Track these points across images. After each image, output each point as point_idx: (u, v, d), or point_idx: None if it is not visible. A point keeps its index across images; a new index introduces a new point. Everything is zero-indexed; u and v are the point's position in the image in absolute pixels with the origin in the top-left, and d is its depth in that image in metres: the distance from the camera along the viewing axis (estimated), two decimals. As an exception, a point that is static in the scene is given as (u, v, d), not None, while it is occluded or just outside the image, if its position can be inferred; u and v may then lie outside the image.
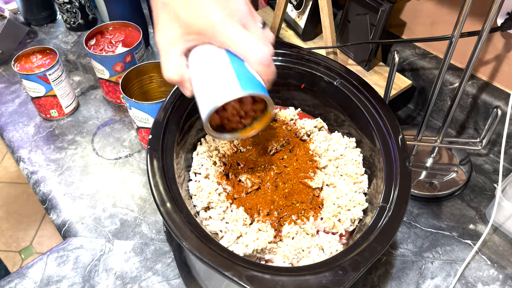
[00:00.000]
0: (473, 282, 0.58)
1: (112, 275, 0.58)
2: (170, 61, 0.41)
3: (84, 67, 0.91)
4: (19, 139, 0.77)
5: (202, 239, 0.40)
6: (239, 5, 0.40)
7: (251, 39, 0.39)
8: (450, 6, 0.68)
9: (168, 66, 0.41)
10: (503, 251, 0.61)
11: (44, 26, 1.02)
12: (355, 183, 0.52)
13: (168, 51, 0.41)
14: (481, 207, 0.66)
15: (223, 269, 0.38)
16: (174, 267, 0.59)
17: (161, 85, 0.75)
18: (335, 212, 0.49)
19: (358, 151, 0.55)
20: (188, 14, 0.39)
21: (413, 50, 0.77)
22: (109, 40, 0.80)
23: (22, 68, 0.75)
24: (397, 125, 0.49)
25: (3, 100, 0.84)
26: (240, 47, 0.39)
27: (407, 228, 0.63)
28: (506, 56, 0.66)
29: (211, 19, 0.39)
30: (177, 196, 0.44)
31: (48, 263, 0.60)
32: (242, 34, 0.39)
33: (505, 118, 0.59)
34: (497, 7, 0.49)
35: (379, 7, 0.68)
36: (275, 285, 0.37)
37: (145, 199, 0.67)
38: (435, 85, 0.59)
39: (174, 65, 0.41)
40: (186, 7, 0.39)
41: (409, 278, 0.58)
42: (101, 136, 0.77)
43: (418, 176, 0.68)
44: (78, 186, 0.69)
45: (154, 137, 0.47)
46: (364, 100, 0.52)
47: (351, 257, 0.39)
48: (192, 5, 0.39)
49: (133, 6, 0.87)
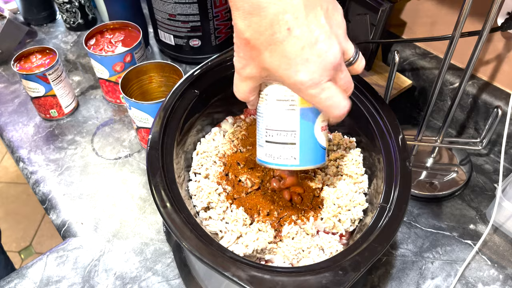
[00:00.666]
0: (473, 282, 0.58)
1: (111, 275, 0.58)
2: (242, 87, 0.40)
3: (84, 67, 0.91)
4: (18, 139, 0.77)
5: (202, 239, 0.40)
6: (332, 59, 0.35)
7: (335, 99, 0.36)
8: (450, 6, 0.68)
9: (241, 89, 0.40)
10: (504, 251, 0.61)
11: (43, 26, 1.02)
12: (355, 183, 0.52)
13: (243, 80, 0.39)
14: (482, 207, 0.66)
15: (223, 269, 0.38)
16: (174, 267, 0.59)
17: (161, 85, 0.75)
18: (335, 213, 0.48)
19: (358, 151, 0.55)
20: (273, 64, 0.35)
21: (413, 50, 0.77)
22: (109, 40, 0.79)
23: (21, 68, 0.75)
24: (397, 125, 0.49)
25: (3, 100, 0.84)
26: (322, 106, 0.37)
27: (407, 228, 0.63)
28: (506, 56, 0.66)
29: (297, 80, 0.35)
30: (177, 196, 0.43)
31: (47, 263, 0.60)
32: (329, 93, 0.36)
33: (505, 118, 0.59)
34: (497, 7, 0.49)
35: (379, 7, 0.68)
36: (275, 285, 0.37)
37: (145, 199, 0.67)
38: (435, 85, 0.59)
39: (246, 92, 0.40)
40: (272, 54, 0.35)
41: (409, 278, 0.58)
42: (101, 136, 0.77)
43: (418, 176, 0.68)
44: (78, 186, 0.69)
45: (154, 137, 0.47)
46: (364, 100, 0.52)
47: (351, 257, 0.39)
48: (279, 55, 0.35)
49: (133, 6, 0.87)
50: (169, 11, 0.79)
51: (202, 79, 0.52)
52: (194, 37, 0.83)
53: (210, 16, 0.79)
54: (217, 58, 0.54)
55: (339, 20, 0.36)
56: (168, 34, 0.84)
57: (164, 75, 0.73)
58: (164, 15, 0.80)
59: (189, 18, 0.79)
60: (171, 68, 0.71)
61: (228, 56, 0.54)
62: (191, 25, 0.80)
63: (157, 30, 0.86)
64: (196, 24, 0.80)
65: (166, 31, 0.83)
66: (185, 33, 0.82)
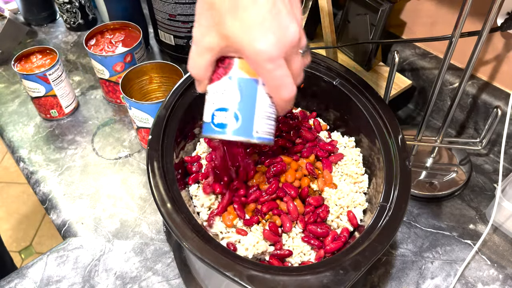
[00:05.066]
0: (473, 282, 0.58)
1: (112, 275, 0.58)
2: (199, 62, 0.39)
3: (84, 67, 0.91)
4: (19, 139, 0.77)
5: (202, 240, 0.40)
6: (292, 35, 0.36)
7: (286, 80, 0.37)
8: (450, 6, 0.68)
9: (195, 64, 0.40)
10: (503, 251, 0.61)
11: (44, 26, 1.02)
12: (355, 183, 0.52)
13: (201, 53, 0.39)
14: (481, 207, 0.66)
15: (224, 269, 0.38)
16: (174, 267, 0.59)
17: (161, 85, 0.75)
18: (337, 214, 0.49)
19: (358, 151, 0.55)
20: (234, 30, 0.35)
21: (413, 50, 0.77)
22: (109, 40, 0.79)
23: (22, 68, 0.75)
24: (397, 125, 0.49)
25: (3, 100, 0.84)
26: (272, 84, 0.37)
27: (407, 228, 0.63)
28: (506, 56, 0.66)
29: (256, 48, 0.35)
30: (177, 196, 0.44)
31: (48, 263, 0.60)
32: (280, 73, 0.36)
33: (505, 118, 0.59)
34: (497, 7, 0.49)
35: (379, 7, 0.68)
36: (276, 285, 0.37)
37: (145, 199, 0.67)
38: (435, 85, 0.59)
39: (201, 67, 0.39)
40: (234, 21, 0.35)
41: (409, 278, 0.58)
42: (101, 136, 0.77)
43: (418, 176, 0.68)
44: (78, 186, 0.69)
45: (154, 137, 0.47)
46: (364, 100, 0.52)
47: (352, 257, 0.39)
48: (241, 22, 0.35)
49: (133, 6, 0.87)
50: (169, 11, 0.79)
51: (202, 79, 0.52)
52: (194, 37, 0.83)
53: (210, 16, 0.79)
54: (217, 58, 0.54)
55: (298, 6, 0.37)
56: (168, 34, 0.84)
57: (164, 75, 0.73)
58: (164, 15, 0.80)
59: (189, 18, 0.79)
60: (171, 68, 0.71)
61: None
62: (191, 25, 0.80)
63: (157, 30, 0.86)
64: (196, 24, 0.80)
65: (166, 31, 0.83)
66: (185, 33, 0.82)
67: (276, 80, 0.37)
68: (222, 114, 0.40)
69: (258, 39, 0.35)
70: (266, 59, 0.35)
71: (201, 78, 0.40)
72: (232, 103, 0.39)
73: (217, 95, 0.40)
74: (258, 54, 0.35)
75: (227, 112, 0.39)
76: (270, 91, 0.39)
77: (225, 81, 0.39)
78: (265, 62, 0.35)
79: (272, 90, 0.38)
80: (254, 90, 0.39)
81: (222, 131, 0.40)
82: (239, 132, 0.39)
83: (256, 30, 0.35)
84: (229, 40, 0.36)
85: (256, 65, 0.36)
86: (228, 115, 0.39)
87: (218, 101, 0.40)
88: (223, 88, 0.40)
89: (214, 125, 0.40)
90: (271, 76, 0.37)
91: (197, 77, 0.40)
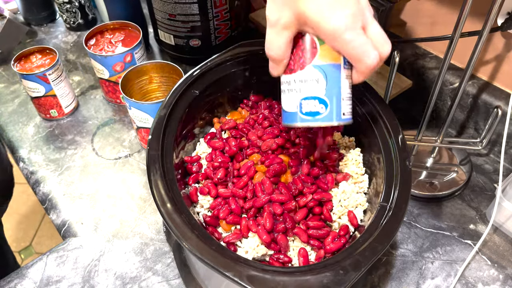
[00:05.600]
0: (473, 282, 0.58)
1: (112, 275, 0.58)
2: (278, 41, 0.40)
3: (84, 67, 0.91)
4: (18, 139, 0.77)
5: (202, 240, 0.40)
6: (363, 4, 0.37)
7: (367, 47, 0.38)
8: (450, 6, 0.68)
9: (275, 45, 0.40)
10: (504, 251, 0.61)
11: (44, 26, 1.02)
12: (356, 183, 0.52)
13: (280, 32, 0.39)
14: (481, 207, 0.66)
15: (224, 270, 0.38)
16: (174, 267, 0.59)
17: (161, 85, 0.75)
18: (340, 214, 0.49)
19: (358, 151, 0.55)
20: (309, 7, 0.36)
21: (413, 50, 0.77)
22: (109, 40, 0.79)
23: (22, 68, 0.75)
24: (397, 125, 0.49)
25: (3, 100, 0.84)
26: (355, 54, 0.38)
27: (407, 228, 0.63)
28: (506, 56, 0.66)
29: (332, 24, 0.36)
30: (177, 196, 0.43)
31: (47, 263, 0.60)
32: (361, 41, 0.37)
33: (505, 118, 0.59)
34: (497, 7, 0.49)
35: (379, 7, 0.68)
36: (276, 285, 0.37)
37: (145, 199, 0.67)
38: (435, 85, 0.59)
39: (280, 47, 0.40)
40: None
41: (409, 278, 0.58)
42: (101, 136, 0.77)
43: (418, 176, 0.68)
44: (78, 186, 0.69)
45: (154, 137, 0.47)
46: (364, 100, 0.52)
47: (352, 257, 0.39)
48: None
49: (133, 6, 0.87)
50: (169, 11, 0.79)
51: (202, 79, 0.52)
52: (194, 37, 0.83)
53: (210, 16, 0.79)
54: (217, 58, 0.54)
55: None
56: (168, 34, 0.84)
57: (164, 75, 0.73)
58: (164, 15, 0.80)
59: (189, 18, 0.79)
60: (171, 68, 0.71)
61: (228, 56, 0.54)
62: (191, 25, 0.80)
63: (157, 30, 0.86)
64: (196, 24, 0.80)
65: (166, 31, 0.83)
66: (185, 33, 0.82)
67: (357, 49, 0.37)
68: (310, 103, 0.41)
69: (333, 12, 0.36)
70: (345, 30, 0.36)
71: (281, 57, 0.41)
72: (320, 91, 0.41)
73: (302, 84, 0.41)
74: (339, 27, 0.36)
75: (315, 100, 0.41)
76: (354, 62, 0.39)
77: (310, 69, 0.40)
78: (344, 33, 0.36)
79: (355, 60, 0.38)
80: (338, 75, 0.41)
81: (313, 119, 0.41)
82: (329, 117, 0.41)
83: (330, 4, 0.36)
84: (306, 17, 0.37)
85: (335, 39, 0.37)
86: (316, 103, 0.41)
87: (305, 89, 0.41)
88: (309, 77, 0.41)
89: (303, 114, 0.41)
90: (352, 47, 0.37)
91: (277, 57, 0.41)
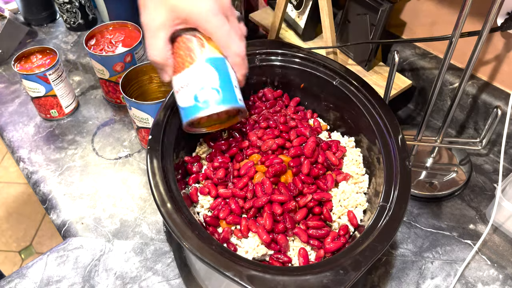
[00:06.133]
0: (473, 282, 0.58)
1: (112, 275, 0.58)
2: (157, 43, 0.43)
3: (84, 67, 0.91)
4: (19, 139, 0.77)
5: (202, 240, 0.40)
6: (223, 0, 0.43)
7: (233, 33, 0.44)
8: (450, 6, 0.68)
9: (154, 48, 0.44)
10: (503, 251, 0.61)
11: (44, 26, 1.02)
12: (356, 183, 0.52)
13: (155, 34, 0.43)
14: (481, 207, 0.66)
15: (224, 269, 0.38)
16: (174, 267, 0.59)
17: (161, 85, 0.75)
18: (340, 214, 0.49)
19: (358, 151, 0.55)
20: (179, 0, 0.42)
21: (413, 50, 0.77)
22: (109, 40, 0.79)
23: (22, 68, 0.75)
24: (397, 125, 0.49)
25: (3, 100, 0.84)
26: (225, 40, 0.43)
27: (407, 228, 0.63)
28: (506, 56, 0.66)
29: (200, 7, 0.42)
30: (177, 196, 0.44)
31: (48, 263, 0.60)
32: (226, 27, 0.43)
33: (505, 118, 0.59)
34: (497, 7, 0.49)
35: (379, 7, 0.68)
36: (276, 285, 0.37)
37: (145, 199, 0.67)
38: (435, 85, 0.59)
39: (160, 48, 0.44)
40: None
41: (409, 278, 0.58)
42: (101, 136, 0.77)
43: (418, 176, 0.68)
44: (78, 186, 0.69)
45: (154, 138, 0.47)
46: (364, 100, 0.52)
47: (352, 257, 0.39)
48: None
49: (133, 6, 0.87)
50: (169, 11, 0.79)
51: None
52: (194, 37, 0.83)
53: (210, 16, 0.79)
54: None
55: None
56: (168, 34, 0.84)
57: (164, 75, 0.73)
58: (164, 15, 0.80)
59: (189, 18, 0.79)
60: (171, 68, 0.71)
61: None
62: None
63: (157, 30, 0.86)
64: (196, 24, 0.80)
65: (166, 31, 0.83)
66: (185, 33, 0.82)
67: (225, 34, 0.43)
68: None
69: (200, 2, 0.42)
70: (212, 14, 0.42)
71: (164, 59, 0.44)
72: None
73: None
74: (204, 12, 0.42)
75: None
76: (224, 48, 0.44)
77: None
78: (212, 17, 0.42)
79: (225, 46, 0.44)
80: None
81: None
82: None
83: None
84: (177, 9, 0.42)
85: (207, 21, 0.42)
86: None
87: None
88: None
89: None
90: (221, 32, 0.43)
91: (160, 60, 0.44)
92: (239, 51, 0.44)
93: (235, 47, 0.44)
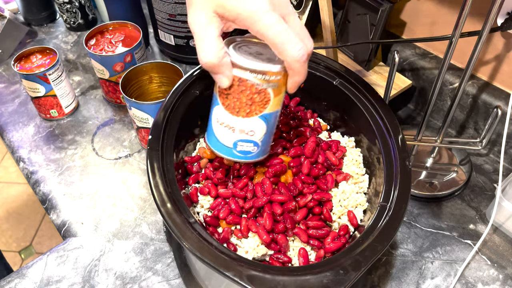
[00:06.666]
0: (473, 282, 0.58)
1: (112, 275, 0.58)
2: (207, 42, 0.38)
3: (84, 67, 0.91)
4: (19, 139, 0.77)
5: (202, 239, 0.40)
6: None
7: (290, 34, 0.37)
8: (450, 6, 0.68)
9: (205, 48, 0.38)
10: (503, 251, 0.61)
11: (44, 26, 1.02)
12: (356, 183, 0.52)
13: (204, 33, 0.38)
14: (481, 207, 0.66)
15: (224, 269, 0.38)
16: (174, 267, 0.59)
17: (161, 85, 0.75)
18: (340, 214, 0.49)
19: (358, 151, 0.55)
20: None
21: (413, 50, 0.77)
22: (109, 40, 0.79)
23: (22, 68, 0.75)
24: (397, 125, 0.49)
25: (3, 100, 0.84)
26: (279, 40, 0.37)
27: (407, 228, 0.63)
28: (506, 56, 0.66)
29: (252, 5, 0.36)
30: (177, 196, 0.43)
31: (48, 263, 0.60)
32: (283, 27, 0.37)
33: (505, 118, 0.59)
34: (497, 7, 0.49)
35: (379, 7, 0.68)
36: (276, 285, 0.37)
37: (145, 199, 0.67)
38: (435, 85, 0.59)
39: (212, 47, 0.38)
40: None
41: (409, 278, 0.58)
42: (101, 136, 0.77)
43: (418, 176, 0.68)
44: (78, 186, 0.69)
45: (154, 138, 0.47)
46: (364, 100, 0.52)
47: (352, 257, 0.39)
48: None
49: (133, 6, 0.87)
50: (169, 11, 0.79)
51: (202, 79, 0.52)
52: (194, 37, 0.83)
53: (210, 16, 0.79)
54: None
55: None
56: (168, 34, 0.84)
57: (164, 75, 0.73)
58: (164, 15, 0.80)
59: (189, 18, 0.79)
60: (171, 68, 0.71)
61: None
62: (191, 25, 0.80)
63: (157, 30, 0.86)
64: (196, 24, 0.80)
65: (166, 31, 0.83)
66: (185, 33, 0.82)
67: (279, 36, 0.37)
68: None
69: None
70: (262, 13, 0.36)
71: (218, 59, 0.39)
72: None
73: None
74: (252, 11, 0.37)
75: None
76: (279, 52, 0.38)
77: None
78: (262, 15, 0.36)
79: (280, 50, 0.38)
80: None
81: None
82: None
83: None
84: (225, 8, 0.38)
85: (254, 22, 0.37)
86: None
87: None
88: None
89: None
90: (273, 32, 0.37)
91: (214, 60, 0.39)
92: (296, 55, 0.37)
93: (292, 51, 0.37)
